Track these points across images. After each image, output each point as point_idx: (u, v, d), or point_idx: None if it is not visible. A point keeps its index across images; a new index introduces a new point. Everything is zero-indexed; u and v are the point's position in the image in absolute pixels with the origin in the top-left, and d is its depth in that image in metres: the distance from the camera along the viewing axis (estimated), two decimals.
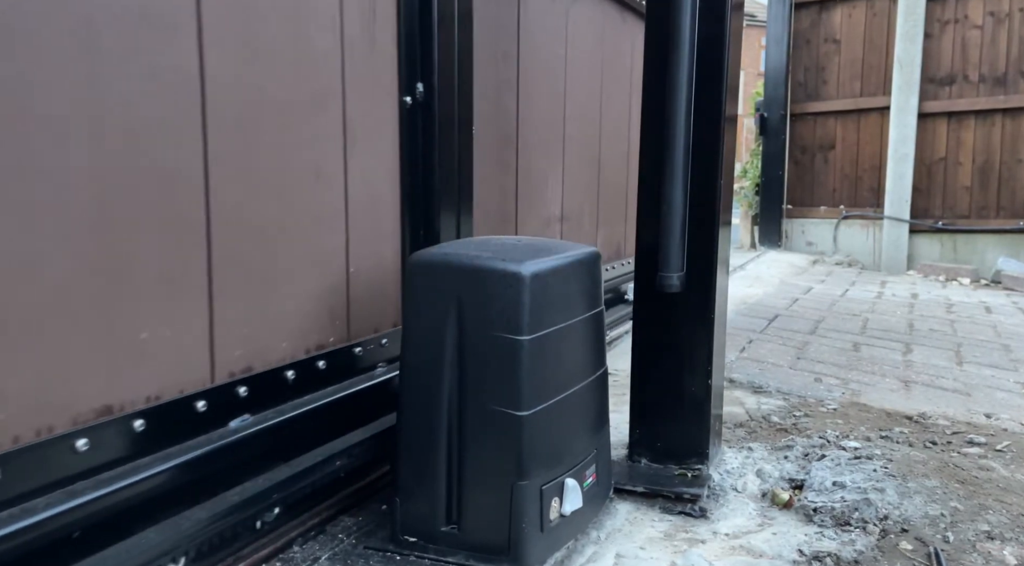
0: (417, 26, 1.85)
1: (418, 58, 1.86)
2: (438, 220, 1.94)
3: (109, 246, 1.19)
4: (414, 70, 1.86)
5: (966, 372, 3.03)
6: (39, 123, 1.07)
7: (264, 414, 1.47)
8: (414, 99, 1.86)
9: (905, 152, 6.12)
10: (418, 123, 1.89)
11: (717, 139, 1.81)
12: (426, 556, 1.44)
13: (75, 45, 1.11)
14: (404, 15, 1.81)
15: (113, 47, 1.16)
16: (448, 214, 1.98)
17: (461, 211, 2.03)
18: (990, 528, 1.64)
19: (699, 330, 1.86)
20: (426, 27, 1.85)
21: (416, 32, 1.85)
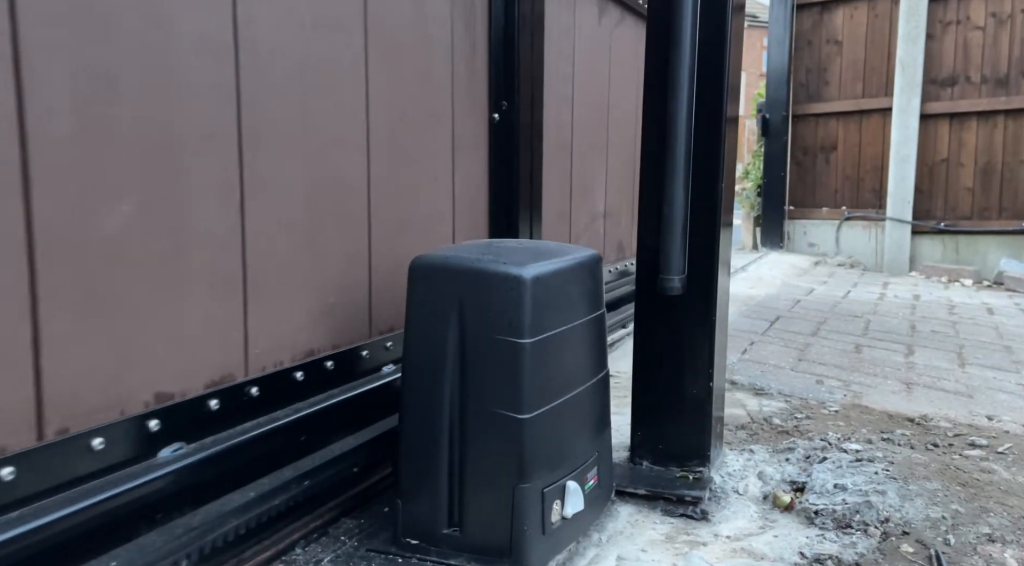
0: (503, 57, 2.29)
1: (503, 83, 2.30)
2: (517, 217, 2.32)
3: (314, 232, 1.59)
4: (499, 92, 2.30)
5: (968, 374, 3.03)
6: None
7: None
8: (500, 115, 2.31)
9: (907, 153, 6.12)
10: (502, 135, 2.32)
11: (718, 140, 1.82)
12: (428, 558, 1.44)
13: (300, 118, 1.56)
14: (494, 48, 2.26)
15: (315, 100, 1.59)
16: (524, 212, 2.37)
17: (533, 209, 2.42)
18: (991, 531, 1.64)
19: (700, 332, 1.86)
20: (509, 57, 2.29)
21: (502, 62, 2.29)
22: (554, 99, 2.77)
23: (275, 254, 1.50)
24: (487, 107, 2.27)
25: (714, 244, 1.84)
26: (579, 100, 3.04)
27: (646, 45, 1.88)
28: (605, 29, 3.30)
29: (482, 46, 2.22)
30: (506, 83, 2.30)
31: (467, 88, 2.14)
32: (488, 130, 2.28)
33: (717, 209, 1.83)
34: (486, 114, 2.27)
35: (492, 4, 2.22)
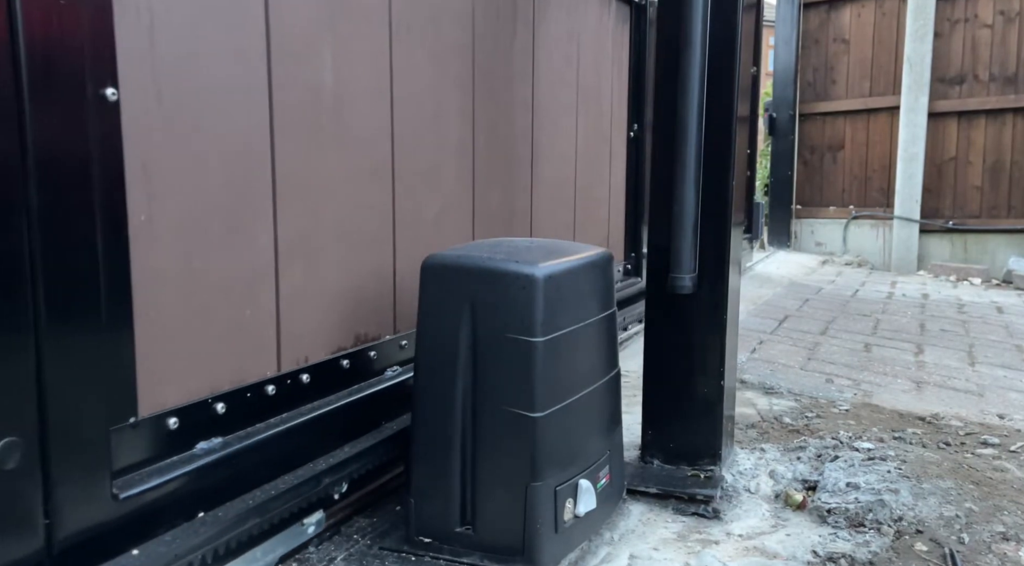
0: (635, 93, 3.35)
1: (635, 111, 3.35)
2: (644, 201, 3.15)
3: (554, 208, 2.65)
4: (632, 116, 3.35)
5: (978, 373, 3.02)
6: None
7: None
8: (634, 134, 3.34)
9: (915, 152, 6.10)
10: (634, 149, 3.35)
11: (729, 139, 1.81)
12: (441, 557, 1.44)
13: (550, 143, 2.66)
14: (632, 87, 3.33)
15: (554, 131, 2.67)
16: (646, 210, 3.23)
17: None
18: (1005, 529, 1.64)
19: (711, 331, 1.85)
20: (639, 94, 3.35)
21: (635, 97, 3.35)
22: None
23: (543, 219, 2.57)
24: (626, 127, 3.32)
25: (724, 243, 1.84)
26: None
27: (656, 44, 1.88)
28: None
29: (624, 87, 3.30)
30: (637, 111, 3.34)
31: (617, 116, 3.22)
32: (627, 144, 3.33)
33: (728, 208, 1.83)
34: (625, 133, 3.32)
35: (631, 58, 3.32)
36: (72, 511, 1.03)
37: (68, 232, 1.03)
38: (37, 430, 0.99)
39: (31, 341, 0.98)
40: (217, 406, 1.30)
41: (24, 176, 0.96)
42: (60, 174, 1.01)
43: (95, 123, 1.05)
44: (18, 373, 0.97)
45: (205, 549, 1.21)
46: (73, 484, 1.04)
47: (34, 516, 1.00)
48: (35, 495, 1.00)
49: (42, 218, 0.99)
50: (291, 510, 1.39)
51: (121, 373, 1.12)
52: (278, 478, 1.39)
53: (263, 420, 1.39)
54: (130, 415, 1.15)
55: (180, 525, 1.20)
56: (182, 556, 1.16)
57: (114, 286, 1.10)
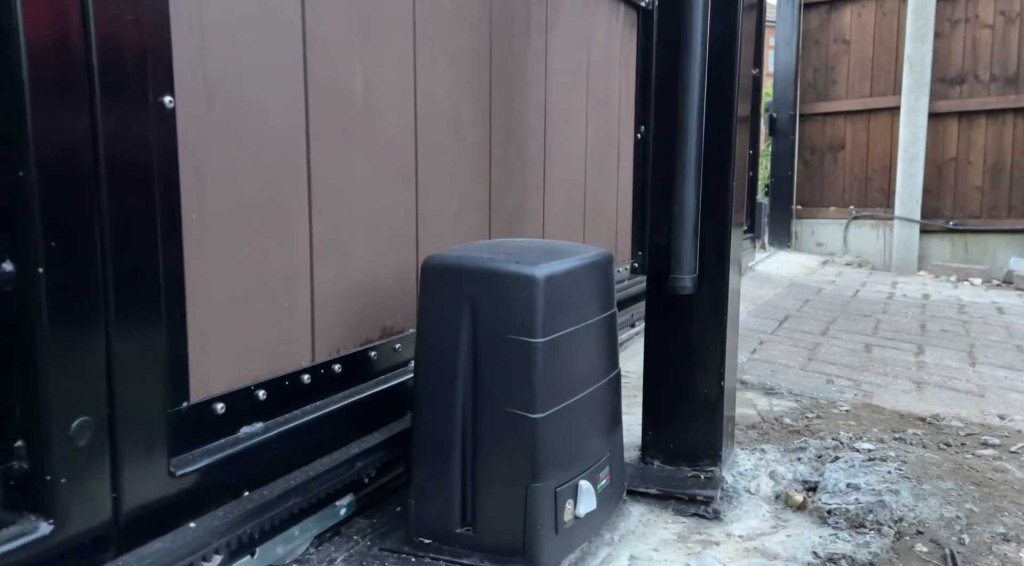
0: (641, 97, 3.49)
1: (641, 114, 3.49)
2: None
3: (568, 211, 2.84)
4: (639, 118, 3.50)
5: (979, 373, 3.02)
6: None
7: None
8: (640, 135, 3.51)
9: (915, 152, 6.09)
10: (640, 150, 3.52)
11: (729, 139, 1.81)
12: (441, 558, 1.44)
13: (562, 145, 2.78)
14: (638, 92, 3.48)
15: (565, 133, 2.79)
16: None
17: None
18: (1006, 530, 1.64)
19: (712, 331, 1.85)
20: (646, 97, 3.47)
21: (641, 101, 3.50)
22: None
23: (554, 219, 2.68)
24: (633, 129, 3.47)
25: (725, 243, 1.84)
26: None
27: (656, 44, 1.88)
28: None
29: (632, 89, 3.44)
30: (643, 114, 3.48)
31: (625, 118, 3.35)
32: (634, 145, 3.48)
33: (728, 208, 1.83)
34: (632, 134, 3.46)
35: (638, 61, 3.44)
36: (136, 486, 1.13)
37: (134, 231, 1.11)
38: (106, 412, 1.07)
39: (102, 330, 1.07)
40: (259, 393, 1.39)
41: (97, 179, 1.05)
42: (127, 176, 1.09)
43: (155, 129, 1.14)
44: (91, 360, 1.05)
45: (252, 524, 1.30)
46: (136, 461, 1.13)
47: (103, 490, 1.08)
48: (104, 471, 1.08)
49: (112, 217, 1.07)
50: (327, 491, 1.49)
51: (176, 360, 1.22)
52: (315, 461, 1.48)
53: (300, 407, 1.49)
54: (183, 400, 1.24)
55: (228, 502, 1.29)
56: (234, 529, 1.26)
57: (171, 281, 1.19)
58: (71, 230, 1.02)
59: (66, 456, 1.02)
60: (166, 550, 1.15)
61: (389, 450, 1.64)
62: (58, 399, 1.01)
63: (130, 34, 1.08)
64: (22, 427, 1.00)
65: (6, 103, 0.95)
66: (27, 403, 1.00)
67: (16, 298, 0.98)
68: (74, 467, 1.03)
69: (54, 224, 0.99)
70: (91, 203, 1.04)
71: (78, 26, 1.01)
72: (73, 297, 1.02)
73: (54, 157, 0.99)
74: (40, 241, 0.98)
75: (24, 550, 0.97)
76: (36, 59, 0.96)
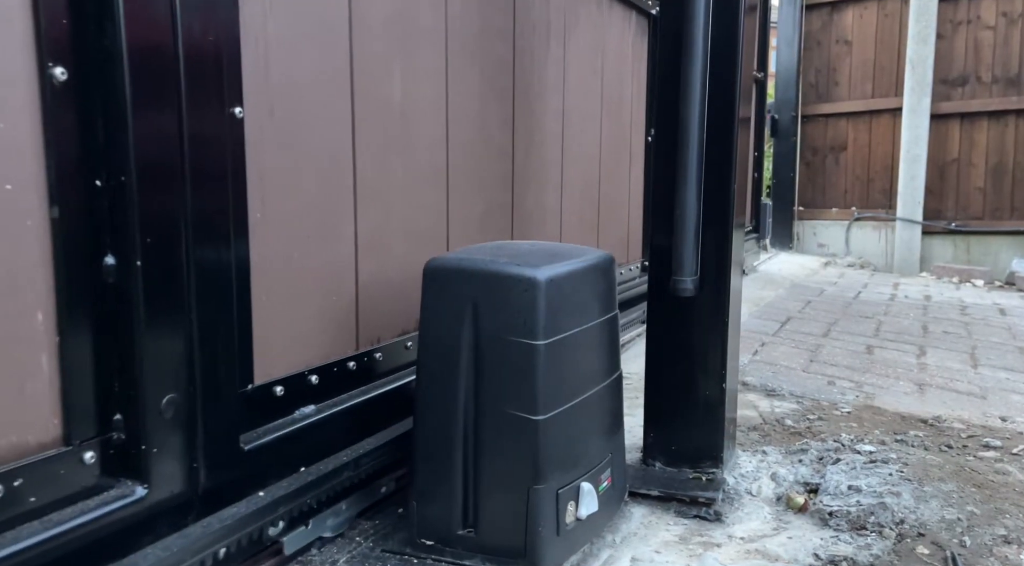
0: (651, 100, 3.54)
1: (651, 117, 3.52)
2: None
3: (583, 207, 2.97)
4: (650, 121, 3.54)
5: (981, 375, 3.02)
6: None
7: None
8: (651, 138, 3.48)
9: (917, 153, 6.09)
10: (650, 153, 3.54)
11: (731, 141, 1.82)
12: (443, 559, 1.45)
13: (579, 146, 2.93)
14: (650, 94, 3.56)
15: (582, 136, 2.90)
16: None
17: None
18: (1007, 532, 1.64)
19: (713, 333, 1.86)
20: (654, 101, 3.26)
21: (652, 104, 3.52)
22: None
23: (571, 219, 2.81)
24: (644, 132, 3.56)
25: (726, 245, 1.84)
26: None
27: (658, 45, 1.89)
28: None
29: (643, 94, 3.54)
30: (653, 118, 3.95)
31: (636, 121, 3.47)
32: (644, 147, 3.57)
33: (729, 210, 1.83)
34: (643, 137, 3.56)
35: (649, 68, 3.53)
36: (212, 457, 1.25)
37: (212, 228, 1.23)
38: (189, 390, 1.20)
39: (187, 317, 1.19)
40: (312, 378, 1.52)
41: (183, 182, 1.17)
42: (206, 180, 1.22)
43: (228, 137, 1.27)
44: (177, 343, 1.18)
45: (310, 496, 1.43)
46: (213, 435, 1.24)
47: (187, 459, 1.20)
48: (188, 442, 1.20)
49: (194, 216, 1.19)
50: (371, 470, 1.59)
51: (243, 346, 1.34)
52: (360, 442, 1.59)
53: (346, 392, 1.61)
54: (248, 382, 1.36)
55: (288, 476, 1.41)
56: (294, 500, 1.39)
57: (240, 274, 1.32)
58: (162, 227, 1.14)
59: (157, 428, 1.15)
60: (240, 514, 1.27)
61: None
62: (150, 378, 1.13)
63: (210, 52, 1.21)
64: (119, 402, 1.12)
65: (112, 117, 1.08)
66: (124, 381, 1.12)
67: (117, 288, 1.11)
68: (163, 438, 1.16)
69: (149, 222, 1.12)
70: (178, 204, 1.16)
71: (170, 47, 1.14)
72: (163, 287, 1.15)
73: (149, 164, 1.11)
74: (138, 237, 1.10)
75: (124, 510, 1.10)
76: (136, 78, 1.08)
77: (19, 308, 1.02)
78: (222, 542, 1.24)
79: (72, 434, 1.08)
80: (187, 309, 1.18)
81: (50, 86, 1.03)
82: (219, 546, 1.23)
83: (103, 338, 1.11)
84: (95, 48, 1.06)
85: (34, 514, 1.02)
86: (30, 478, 1.02)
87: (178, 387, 1.17)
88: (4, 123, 1.00)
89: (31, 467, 1.02)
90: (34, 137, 1.03)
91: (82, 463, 1.09)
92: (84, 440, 1.10)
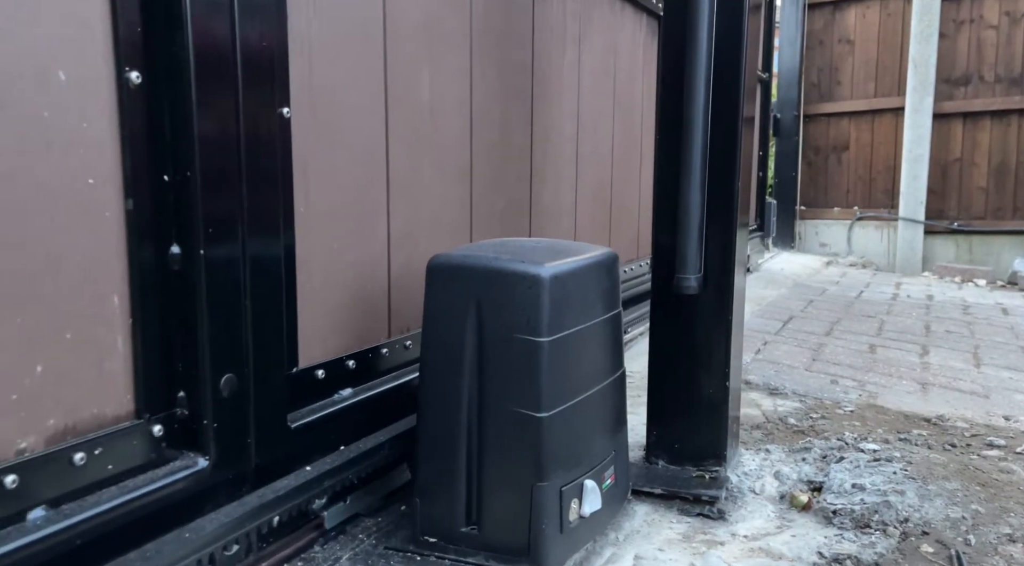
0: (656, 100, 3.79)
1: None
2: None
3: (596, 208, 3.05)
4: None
5: (984, 374, 3.01)
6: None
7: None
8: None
9: (920, 153, 6.08)
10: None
11: (735, 140, 1.81)
12: (446, 557, 1.44)
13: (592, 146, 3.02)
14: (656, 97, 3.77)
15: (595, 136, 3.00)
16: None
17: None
18: (1012, 531, 1.63)
19: (717, 332, 1.85)
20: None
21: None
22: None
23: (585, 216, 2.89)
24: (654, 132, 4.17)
25: (730, 243, 1.84)
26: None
27: (662, 45, 1.89)
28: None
29: (653, 96, 3.55)
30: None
31: (647, 122, 3.50)
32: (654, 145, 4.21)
33: (733, 209, 1.82)
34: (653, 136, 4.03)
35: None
36: (264, 433, 1.34)
37: (264, 221, 1.32)
38: (244, 371, 1.29)
39: (242, 302, 1.28)
40: (349, 363, 1.61)
41: (240, 177, 1.26)
42: (259, 175, 1.30)
43: (278, 135, 1.35)
44: (235, 327, 1.27)
45: (350, 472, 1.52)
46: (264, 413, 1.34)
47: (242, 435, 1.30)
48: (243, 419, 1.30)
49: (249, 209, 1.28)
50: (404, 449, 1.65)
51: (290, 331, 1.43)
52: (393, 423, 1.68)
53: (380, 377, 1.70)
54: (294, 365, 1.45)
55: (330, 454, 1.51)
56: (336, 475, 1.48)
57: (287, 264, 1.40)
58: (222, 219, 1.23)
59: (216, 405, 1.24)
60: (290, 486, 1.37)
61: None
62: (211, 358, 1.22)
63: (264, 57, 1.31)
64: (183, 381, 1.22)
65: (179, 117, 1.17)
66: (187, 361, 1.22)
67: (181, 275, 1.20)
68: (222, 415, 1.25)
69: (210, 214, 1.20)
70: (235, 197, 1.25)
71: (230, 53, 1.23)
72: (223, 275, 1.24)
73: (211, 160, 1.20)
74: (201, 228, 1.19)
75: (189, 479, 1.20)
76: (200, 81, 1.18)
77: (100, 292, 1.11)
78: (275, 511, 1.34)
79: (143, 409, 1.18)
80: (243, 295, 1.28)
81: (126, 89, 1.12)
82: (273, 515, 1.34)
83: (169, 321, 1.20)
84: (165, 54, 1.16)
85: (112, 480, 1.12)
86: (108, 447, 1.12)
87: (234, 368, 1.27)
88: (87, 123, 1.08)
89: (109, 437, 1.12)
90: (112, 135, 1.11)
91: (151, 435, 1.19)
92: (153, 415, 1.20)
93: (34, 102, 1.01)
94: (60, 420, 1.07)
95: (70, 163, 1.06)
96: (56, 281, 1.05)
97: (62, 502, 1.06)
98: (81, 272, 1.08)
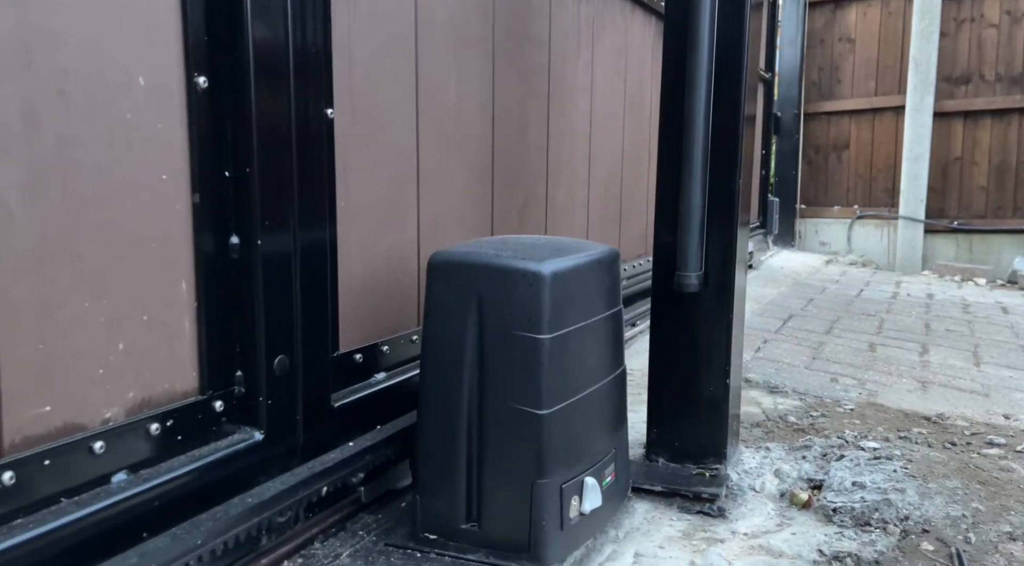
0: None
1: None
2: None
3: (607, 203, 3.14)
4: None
5: (984, 373, 3.01)
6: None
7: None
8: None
9: (920, 152, 6.08)
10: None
11: (736, 138, 1.81)
12: (446, 553, 1.44)
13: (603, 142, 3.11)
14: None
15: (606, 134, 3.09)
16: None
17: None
18: (1012, 529, 1.63)
19: (717, 330, 1.85)
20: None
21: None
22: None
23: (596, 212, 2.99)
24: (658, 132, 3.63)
25: (731, 242, 1.83)
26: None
27: (663, 44, 1.88)
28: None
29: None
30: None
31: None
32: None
33: (734, 207, 1.82)
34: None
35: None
36: (311, 410, 1.44)
37: (312, 214, 1.41)
38: (294, 352, 1.39)
39: (293, 288, 1.37)
40: (383, 348, 1.71)
41: (291, 172, 1.35)
42: (308, 171, 1.39)
43: (324, 134, 1.44)
44: (287, 311, 1.37)
45: (387, 450, 1.61)
46: (312, 392, 1.44)
47: (292, 412, 1.40)
48: (293, 397, 1.40)
49: (299, 202, 1.37)
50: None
51: (333, 318, 1.52)
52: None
53: (411, 362, 1.77)
54: (335, 349, 1.55)
55: (369, 431, 1.60)
56: (374, 452, 1.57)
57: (331, 255, 1.49)
58: (276, 212, 1.32)
59: (270, 384, 1.34)
60: (336, 460, 1.47)
61: None
62: (266, 340, 1.32)
63: (312, 62, 1.40)
64: (240, 361, 1.33)
65: (239, 118, 1.27)
66: (245, 343, 1.33)
67: (240, 263, 1.30)
68: (275, 393, 1.35)
69: (267, 206, 1.30)
70: (288, 192, 1.35)
71: (285, 59, 1.33)
72: (277, 263, 1.34)
73: (267, 157, 1.30)
74: (258, 220, 1.29)
75: (246, 451, 1.30)
76: (259, 85, 1.28)
77: (171, 278, 1.22)
78: (324, 482, 1.44)
79: (206, 386, 1.28)
80: (293, 283, 1.37)
81: (195, 93, 1.22)
82: (321, 485, 1.43)
83: (229, 306, 1.30)
84: (228, 60, 1.25)
85: (181, 449, 1.23)
86: (178, 419, 1.23)
87: (286, 350, 1.37)
88: (162, 124, 1.18)
89: (178, 410, 1.23)
90: (182, 135, 1.21)
91: (213, 410, 1.30)
92: (215, 391, 1.30)
93: (120, 105, 1.12)
94: (138, 393, 1.18)
95: (148, 160, 1.16)
96: (138, 265, 1.16)
97: (140, 467, 1.17)
98: (157, 258, 1.19)
